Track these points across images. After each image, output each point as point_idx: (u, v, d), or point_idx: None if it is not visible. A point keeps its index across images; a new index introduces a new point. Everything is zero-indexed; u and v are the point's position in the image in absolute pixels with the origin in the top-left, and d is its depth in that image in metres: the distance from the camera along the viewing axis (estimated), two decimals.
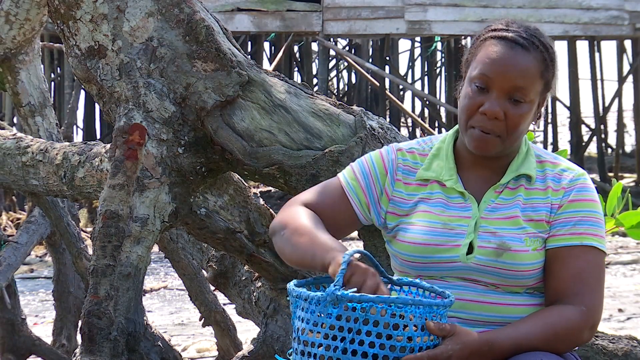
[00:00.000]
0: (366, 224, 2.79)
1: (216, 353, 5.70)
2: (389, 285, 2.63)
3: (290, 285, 2.52)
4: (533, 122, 2.75)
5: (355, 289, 2.43)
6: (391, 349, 2.39)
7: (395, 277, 2.64)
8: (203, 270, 4.94)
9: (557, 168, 2.71)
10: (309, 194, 2.77)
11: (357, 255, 2.49)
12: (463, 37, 19.44)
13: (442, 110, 22.27)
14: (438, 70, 24.80)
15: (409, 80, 26.17)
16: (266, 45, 23.52)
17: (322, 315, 2.41)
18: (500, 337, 2.53)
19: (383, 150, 2.80)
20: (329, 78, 25.86)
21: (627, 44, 20.67)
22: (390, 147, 2.80)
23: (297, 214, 2.69)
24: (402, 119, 23.93)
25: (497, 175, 2.71)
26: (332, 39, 18.29)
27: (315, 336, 2.42)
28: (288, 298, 2.53)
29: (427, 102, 21.95)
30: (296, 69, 25.02)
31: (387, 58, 18.82)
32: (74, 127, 16.81)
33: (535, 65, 2.64)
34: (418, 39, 23.84)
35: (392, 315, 2.39)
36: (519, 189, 2.68)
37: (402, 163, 2.77)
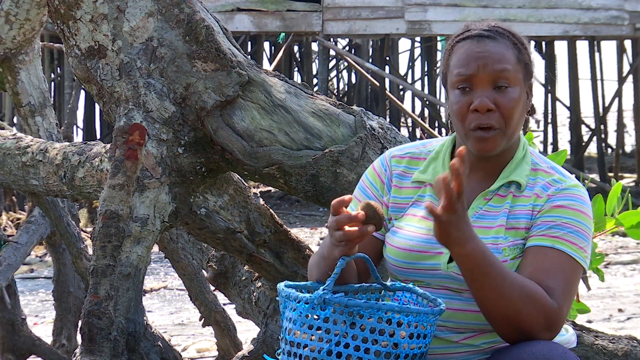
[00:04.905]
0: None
1: (216, 353, 5.70)
2: (382, 292, 2.63)
3: (281, 285, 2.52)
4: (527, 115, 2.73)
5: (342, 293, 2.44)
6: (375, 354, 2.38)
7: (389, 283, 2.64)
8: (203, 270, 4.94)
9: (550, 177, 2.65)
10: None
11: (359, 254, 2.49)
12: None
13: (442, 110, 22.26)
14: (438, 70, 24.78)
15: (409, 80, 26.17)
16: (266, 45, 23.52)
17: (310, 316, 2.41)
18: (483, 246, 2.45)
19: (376, 163, 2.79)
20: (329, 78, 25.86)
21: (627, 44, 20.67)
22: (383, 156, 2.79)
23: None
24: (402, 119, 23.93)
25: (490, 180, 2.67)
26: (332, 39, 18.29)
27: (301, 337, 2.42)
28: (277, 298, 2.53)
29: (427, 102, 21.95)
30: (296, 69, 25.02)
31: (387, 58, 18.81)
32: (74, 127, 16.79)
33: (508, 49, 2.61)
34: (418, 39, 23.84)
35: (378, 321, 2.39)
36: (508, 196, 2.64)
37: (396, 169, 2.75)
